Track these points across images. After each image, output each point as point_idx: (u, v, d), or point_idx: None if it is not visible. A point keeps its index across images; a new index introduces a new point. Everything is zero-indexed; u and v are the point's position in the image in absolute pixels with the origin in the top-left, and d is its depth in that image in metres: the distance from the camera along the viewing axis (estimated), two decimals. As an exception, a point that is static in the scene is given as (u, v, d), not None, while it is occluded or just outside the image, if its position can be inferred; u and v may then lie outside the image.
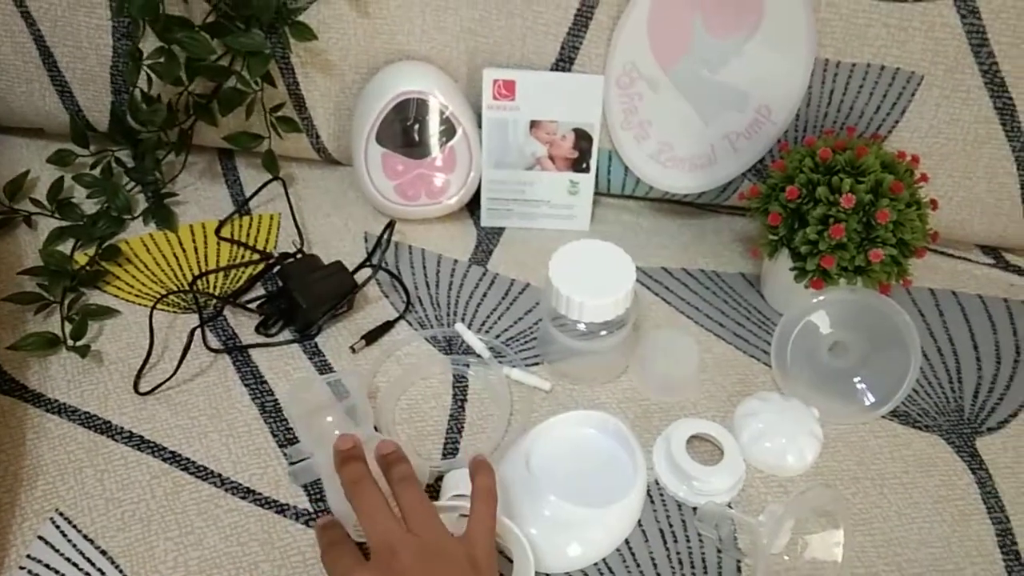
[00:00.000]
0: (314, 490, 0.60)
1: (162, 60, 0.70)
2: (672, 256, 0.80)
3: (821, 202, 0.65)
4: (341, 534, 0.52)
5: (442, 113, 0.75)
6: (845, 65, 0.72)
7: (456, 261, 0.78)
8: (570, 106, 0.75)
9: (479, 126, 0.77)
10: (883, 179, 0.65)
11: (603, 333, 0.65)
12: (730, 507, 0.61)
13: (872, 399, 0.67)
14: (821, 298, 0.68)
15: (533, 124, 0.76)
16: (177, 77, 0.71)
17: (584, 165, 0.79)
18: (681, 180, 0.78)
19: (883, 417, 0.68)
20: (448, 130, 0.76)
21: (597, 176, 0.80)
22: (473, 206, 0.82)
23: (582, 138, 0.77)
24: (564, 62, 0.75)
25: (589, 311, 0.63)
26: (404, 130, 0.75)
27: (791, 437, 0.64)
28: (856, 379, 0.68)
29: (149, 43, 0.72)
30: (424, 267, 0.77)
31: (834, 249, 0.65)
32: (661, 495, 0.62)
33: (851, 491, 0.64)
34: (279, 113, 0.77)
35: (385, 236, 0.77)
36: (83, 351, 0.65)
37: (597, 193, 0.81)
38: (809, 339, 0.68)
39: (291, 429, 0.63)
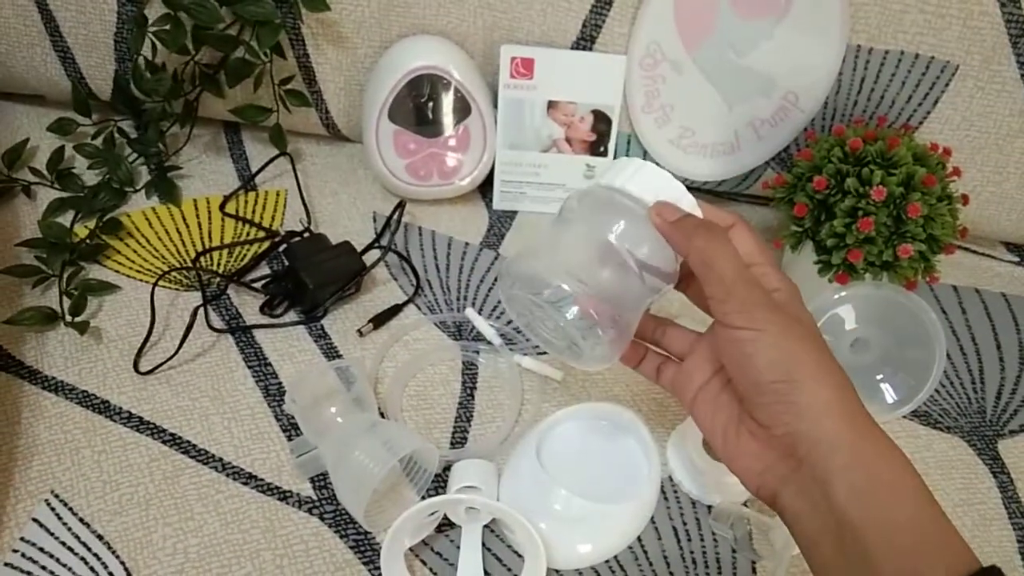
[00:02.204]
0: (318, 479, 0.58)
1: (168, 27, 0.67)
2: (690, 245, 0.78)
3: (850, 194, 0.63)
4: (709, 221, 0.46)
5: (457, 91, 0.72)
6: (878, 52, 0.69)
7: (467, 244, 0.76)
8: (590, 87, 0.73)
9: (494, 105, 0.74)
10: (915, 172, 0.63)
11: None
12: (746, 506, 0.59)
13: (894, 398, 0.65)
14: (843, 293, 0.66)
15: (550, 105, 0.74)
16: (183, 46, 0.68)
17: (602, 148, 0.76)
18: (702, 167, 0.76)
19: (903, 417, 0.66)
20: (463, 108, 0.73)
21: (614, 160, 0.77)
22: (485, 188, 0.80)
23: (600, 120, 0.75)
24: (585, 41, 0.72)
25: None
26: (417, 107, 0.73)
27: (810, 436, 0.62)
28: (878, 376, 0.66)
29: (155, 9, 0.69)
30: (434, 250, 0.75)
31: (862, 243, 0.63)
32: (675, 492, 0.61)
33: None
34: (288, 86, 0.75)
35: (395, 217, 0.75)
36: (82, 327, 0.63)
37: (614, 178, 0.79)
38: (831, 334, 0.66)
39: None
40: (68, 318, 0.64)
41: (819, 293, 0.67)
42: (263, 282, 0.68)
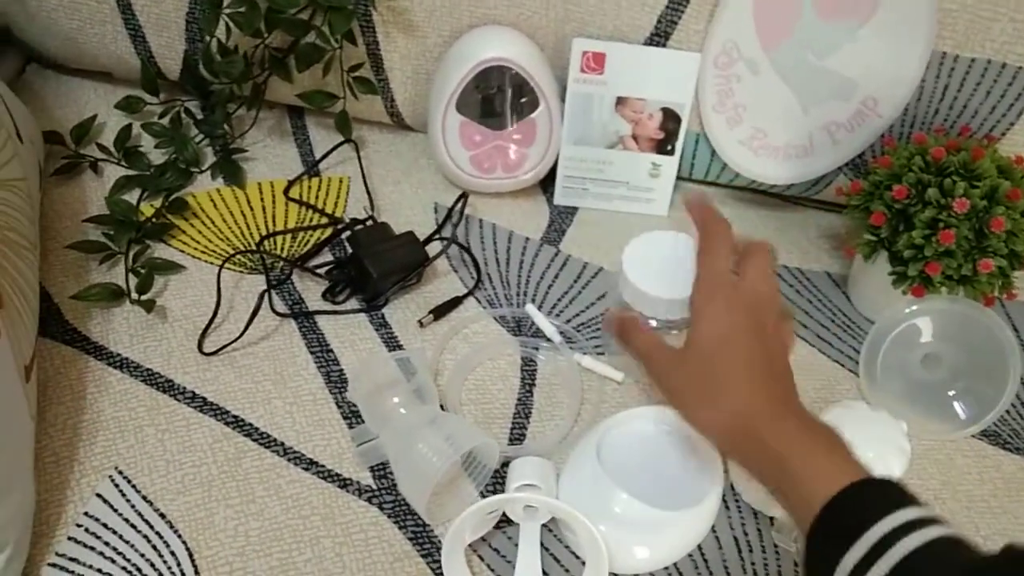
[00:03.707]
0: (378, 468, 0.58)
1: (243, 10, 0.67)
2: (754, 249, 0.76)
3: (931, 204, 0.61)
4: (726, 223, 0.53)
5: (526, 83, 0.71)
6: (963, 60, 0.67)
7: (528, 239, 0.75)
8: (661, 84, 0.72)
9: (562, 99, 0.73)
10: (999, 185, 0.61)
11: (674, 332, 0.62)
12: (810, 519, 0.58)
13: (964, 416, 0.64)
14: (915, 307, 0.64)
15: (619, 100, 0.73)
16: (257, 29, 0.68)
17: (669, 147, 0.75)
18: (773, 169, 0.74)
19: (972, 436, 0.64)
20: (531, 102, 0.72)
21: (681, 159, 0.76)
22: (546, 182, 0.79)
23: (669, 118, 0.73)
24: (659, 36, 0.71)
25: (666, 307, 0.60)
26: (485, 99, 0.72)
27: (878, 451, 0.60)
28: (949, 393, 0.64)
29: (230, -9, 0.69)
30: (495, 243, 0.74)
31: (940, 256, 0.61)
32: (736, 501, 0.60)
33: (936, 509, 0.60)
34: (356, 73, 0.74)
35: (457, 208, 0.74)
36: (148, 305, 0.64)
37: (678, 177, 0.78)
38: (902, 348, 0.64)
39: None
40: (134, 296, 0.65)
41: (891, 304, 0.66)
42: (327, 268, 0.68)
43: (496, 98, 0.72)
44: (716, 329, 0.50)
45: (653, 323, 0.61)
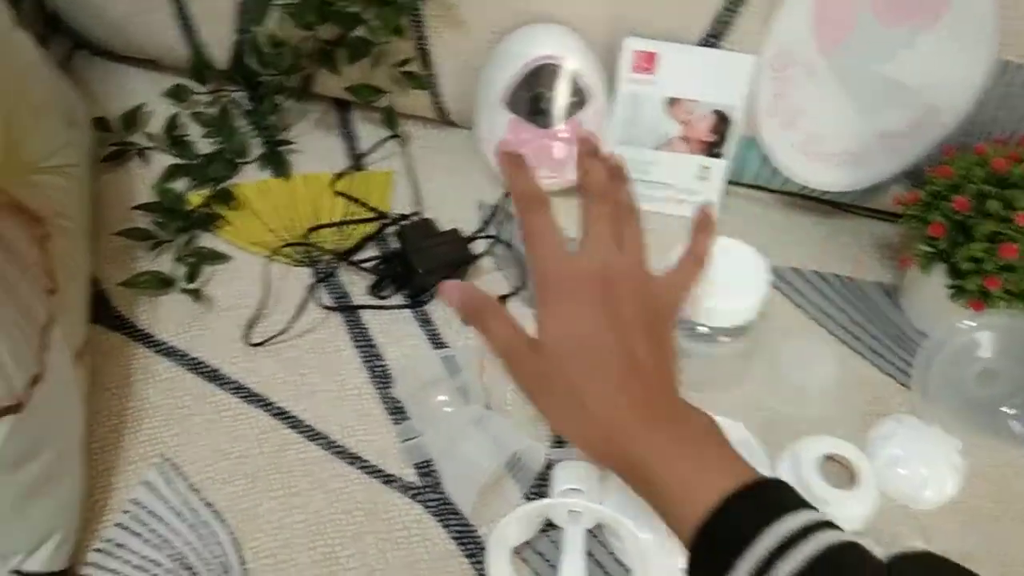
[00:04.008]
0: (422, 465, 0.58)
1: (296, 2, 0.67)
2: (804, 256, 0.75)
3: (992, 217, 0.60)
4: (537, 187, 0.48)
5: (576, 82, 0.70)
6: (1029, 68, 0.65)
7: (572, 239, 0.74)
8: (714, 85, 0.70)
9: (612, 99, 0.72)
10: (1064, 198, 0.59)
11: (725, 339, 0.61)
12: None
13: (1020, 433, 0.62)
14: (972, 323, 0.63)
15: (670, 101, 0.72)
16: (309, 21, 0.67)
17: (719, 150, 0.74)
18: (826, 175, 0.73)
19: (1028, 454, 0.63)
20: (580, 101, 0.71)
21: (731, 162, 0.75)
22: (591, 182, 0.78)
23: (721, 121, 0.72)
24: (713, 37, 0.69)
25: (717, 315, 0.59)
26: (534, 97, 0.71)
27: (931, 467, 0.59)
28: (1005, 410, 0.63)
29: (282, -18, 0.69)
30: (539, 242, 0.74)
31: (1001, 270, 0.60)
32: (784, 512, 0.58)
33: (989, 530, 0.59)
34: (405, 68, 0.74)
35: (502, 205, 0.74)
36: (196, 295, 0.64)
37: (727, 181, 0.76)
38: (957, 363, 0.63)
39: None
40: (183, 284, 0.65)
41: (946, 317, 0.64)
42: (373, 263, 0.68)
43: (545, 96, 0.71)
44: (562, 328, 0.44)
45: (704, 330, 0.60)
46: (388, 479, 0.57)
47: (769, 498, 0.38)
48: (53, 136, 0.59)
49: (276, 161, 0.75)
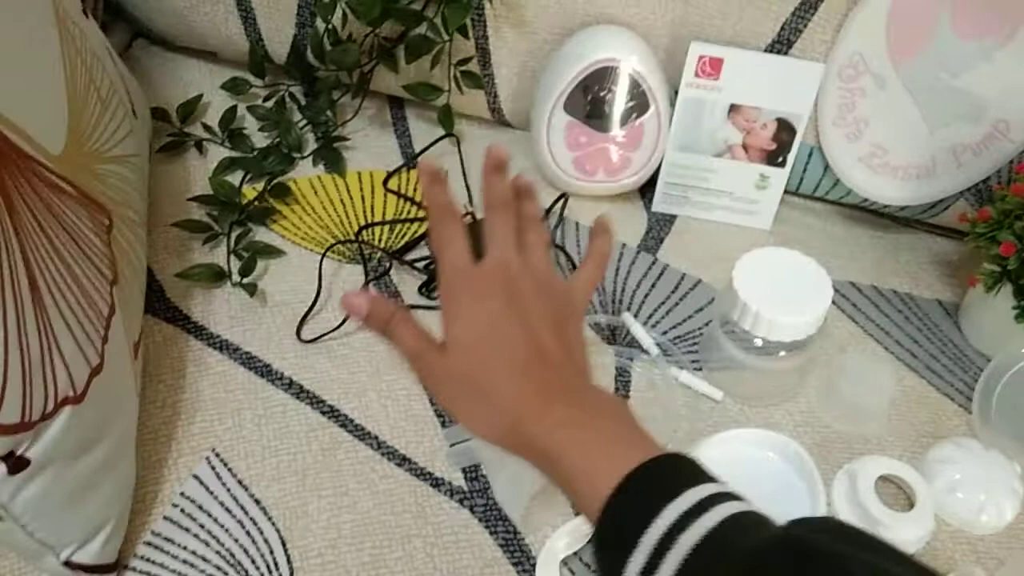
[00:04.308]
0: (470, 470, 0.57)
1: (362, -2, 0.67)
2: (862, 271, 0.73)
3: (1067, 238, 0.58)
4: (452, 200, 0.48)
5: (638, 86, 0.69)
6: (1110, 86, 0.63)
7: (624, 245, 0.74)
8: (779, 93, 0.69)
9: (673, 103, 0.71)
10: None
11: (781, 353, 0.60)
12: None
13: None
14: (1039, 345, 0.61)
15: (732, 108, 0.71)
16: (373, 18, 0.67)
17: (780, 159, 0.72)
18: (889, 189, 0.71)
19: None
20: (641, 105, 0.70)
21: (791, 172, 0.73)
22: (644, 188, 0.77)
23: (783, 129, 0.71)
24: (781, 44, 0.68)
25: (777, 328, 0.58)
26: (594, 100, 0.70)
27: (990, 492, 0.57)
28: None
29: (346, -22, 0.69)
30: (592, 247, 0.73)
31: (1074, 293, 0.58)
32: (838, 534, 0.57)
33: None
34: (465, 67, 0.74)
35: (555, 210, 0.73)
36: (251, 289, 0.64)
37: (786, 191, 0.75)
38: (1021, 387, 0.61)
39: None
40: (236, 278, 0.65)
41: (1010, 339, 0.62)
42: (425, 263, 0.68)
43: (605, 99, 0.70)
44: (469, 328, 0.44)
45: (758, 343, 0.59)
46: (436, 482, 0.57)
47: (670, 473, 0.39)
48: (117, 126, 0.60)
49: (331, 157, 0.75)
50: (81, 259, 0.48)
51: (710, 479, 0.38)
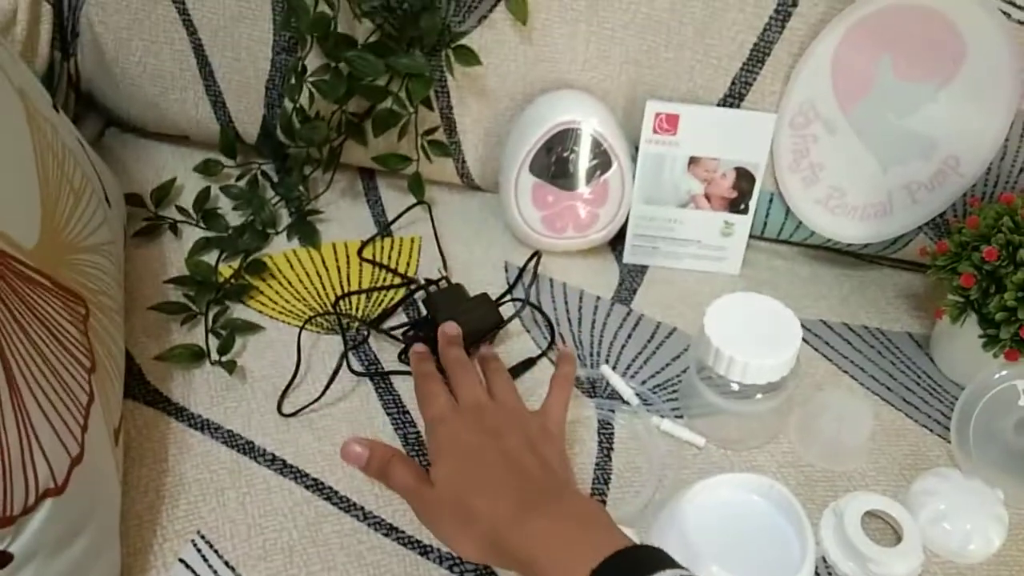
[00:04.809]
0: (459, 534, 0.57)
1: (327, 78, 0.69)
2: (831, 309, 0.75)
3: (1022, 266, 0.60)
4: (434, 369, 0.59)
5: (599, 145, 0.72)
6: (1049, 118, 0.66)
7: (599, 298, 0.75)
8: (735, 144, 0.72)
9: (634, 160, 0.74)
10: (1095, 245, 0.59)
11: (759, 396, 0.61)
12: (909, 594, 0.56)
13: (1065, 485, 0.61)
14: (1004, 372, 0.62)
15: (692, 160, 0.73)
16: (339, 96, 0.69)
17: (742, 206, 0.74)
18: (850, 229, 0.73)
19: (1072, 507, 0.62)
20: (603, 163, 0.72)
21: (754, 218, 0.75)
22: (614, 240, 0.79)
23: (743, 178, 0.73)
24: (733, 98, 0.71)
25: (751, 372, 0.59)
26: (558, 160, 0.72)
27: (976, 521, 0.58)
28: (1047, 461, 0.62)
29: (311, 60, 0.71)
30: (566, 303, 0.74)
31: (1035, 318, 0.59)
32: (830, 573, 0.57)
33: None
34: (431, 137, 0.76)
35: (530, 267, 0.74)
36: (230, 367, 0.64)
37: (751, 236, 0.77)
38: (995, 414, 0.62)
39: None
40: (215, 357, 0.65)
41: (980, 367, 0.64)
42: (403, 330, 0.69)
43: (569, 159, 0.72)
44: (451, 461, 0.51)
45: (735, 387, 0.60)
46: (425, 550, 0.56)
47: (631, 565, 0.41)
48: (91, 216, 0.61)
49: (305, 231, 0.76)
50: (58, 349, 0.48)
51: (673, 565, 0.41)
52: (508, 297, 0.72)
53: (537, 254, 0.75)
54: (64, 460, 0.46)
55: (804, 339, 0.71)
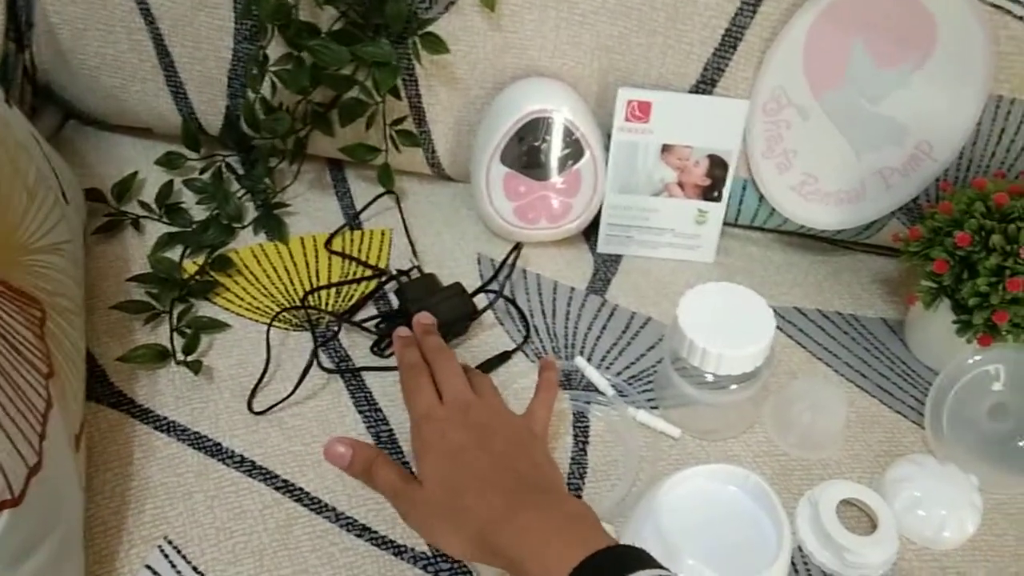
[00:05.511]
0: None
1: (289, 67, 0.67)
2: (805, 295, 0.75)
3: (995, 251, 0.60)
4: (420, 358, 0.57)
5: (571, 134, 0.70)
6: (1020, 103, 0.66)
7: (573, 289, 0.74)
8: (708, 131, 0.71)
9: (607, 148, 0.73)
10: (1066, 230, 0.59)
11: (733, 386, 0.60)
12: (885, 583, 0.56)
13: (1036, 469, 0.61)
14: (978, 357, 0.62)
15: (664, 148, 0.72)
16: (303, 86, 0.67)
17: (716, 193, 0.74)
18: (824, 215, 0.73)
19: (1045, 489, 0.62)
20: (576, 152, 0.71)
21: (728, 205, 0.75)
22: (588, 230, 0.78)
23: (716, 165, 0.72)
24: (705, 84, 0.70)
25: (725, 362, 0.58)
26: (530, 150, 0.71)
27: (951, 508, 0.58)
28: (1020, 444, 0.62)
29: (274, 49, 0.69)
30: (540, 294, 0.73)
31: (1008, 304, 0.59)
32: (805, 563, 0.57)
33: (1012, 570, 0.58)
34: (400, 127, 0.74)
35: (509, 261, 0.73)
36: (196, 367, 0.63)
37: (725, 223, 0.76)
38: (969, 399, 0.62)
39: (408, 464, 0.60)
40: (180, 356, 0.64)
41: (954, 353, 0.64)
42: (375, 322, 0.67)
43: (540, 149, 0.71)
44: (438, 461, 0.50)
45: (709, 378, 0.59)
46: (399, 550, 0.55)
47: (612, 563, 0.41)
48: (47, 215, 0.59)
49: (272, 224, 0.75)
50: (12, 356, 0.47)
51: (655, 565, 0.41)
52: (485, 289, 0.71)
53: (518, 246, 0.74)
54: (21, 470, 0.45)
55: (778, 326, 0.71)
